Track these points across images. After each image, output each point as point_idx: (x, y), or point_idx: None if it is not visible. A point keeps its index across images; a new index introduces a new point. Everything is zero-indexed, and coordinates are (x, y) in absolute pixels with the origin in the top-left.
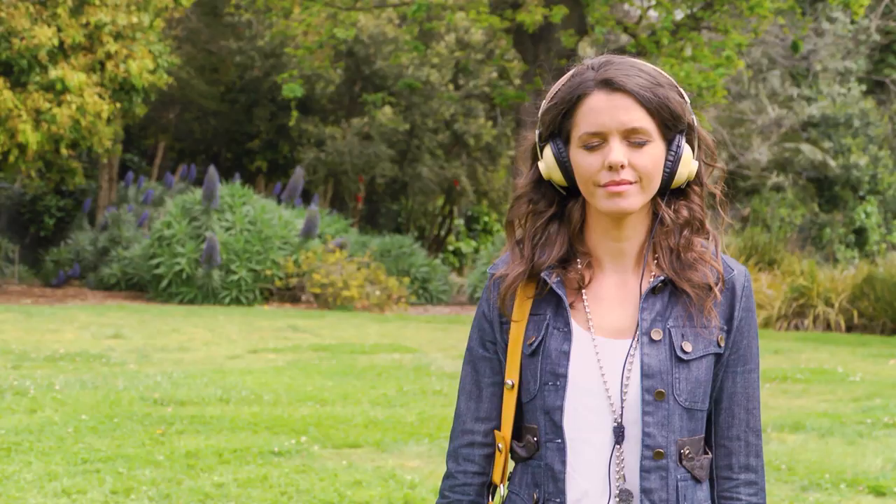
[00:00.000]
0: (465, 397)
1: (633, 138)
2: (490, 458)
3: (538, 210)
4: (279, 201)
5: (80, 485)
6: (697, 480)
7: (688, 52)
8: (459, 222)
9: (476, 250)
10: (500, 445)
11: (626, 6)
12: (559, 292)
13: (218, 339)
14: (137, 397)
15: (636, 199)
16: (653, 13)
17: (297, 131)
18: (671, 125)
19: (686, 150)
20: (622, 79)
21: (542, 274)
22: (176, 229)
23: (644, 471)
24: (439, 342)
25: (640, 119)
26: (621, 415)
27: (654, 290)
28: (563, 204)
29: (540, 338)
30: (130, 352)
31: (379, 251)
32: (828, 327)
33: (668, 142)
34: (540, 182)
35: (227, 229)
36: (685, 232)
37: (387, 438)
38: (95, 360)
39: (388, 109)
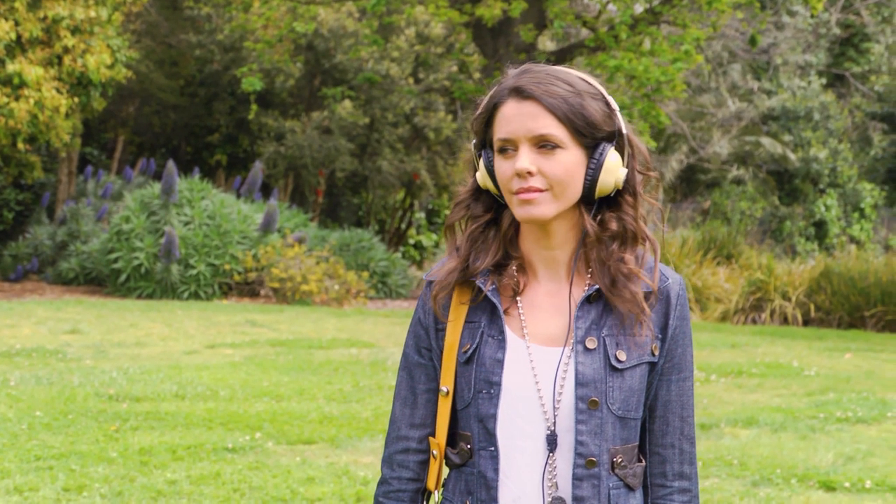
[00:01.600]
0: (400, 403)
1: (542, 145)
2: (425, 465)
3: (474, 215)
4: (238, 195)
5: (33, 482)
6: (630, 488)
7: (646, 46)
8: (420, 216)
9: (437, 244)
10: (434, 452)
11: (585, 0)
12: (494, 300)
13: (175, 334)
14: (93, 393)
15: (547, 207)
16: (612, 7)
17: (256, 125)
18: (586, 132)
19: (613, 157)
20: (531, 87)
21: (478, 282)
22: (134, 224)
23: (576, 479)
24: (397, 337)
25: (549, 126)
26: (554, 423)
27: (589, 299)
28: (499, 211)
29: (475, 346)
30: (87, 347)
31: (338, 245)
32: (785, 321)
33: (592, 149)
34: (479, 189)
35: (186, 224)
36: (613, 246)
37: (341, 434)
38: (51, 356)
39: (347, 103)
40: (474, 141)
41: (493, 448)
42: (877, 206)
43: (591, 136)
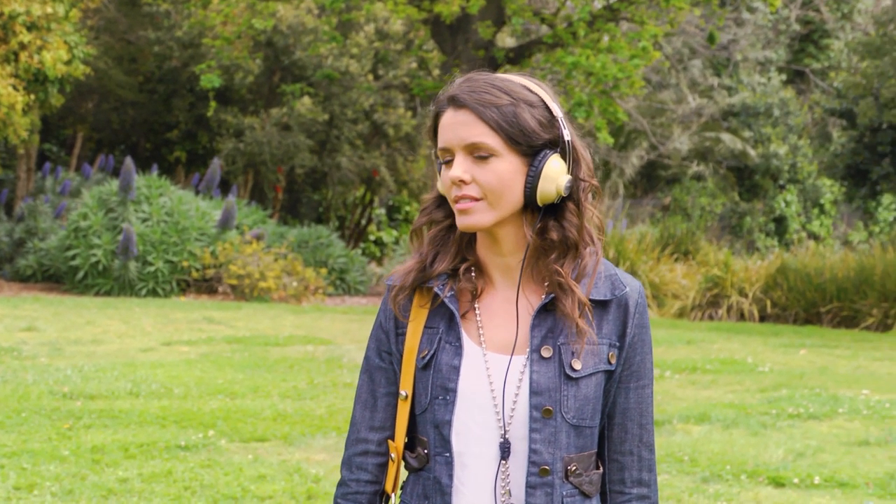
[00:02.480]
0: (360, 406)
1: (476, 154)
2: (383, 467)
3: (435, 220)
4: (197, 192)
5: None
6: (586, 496)
7: (605, 43)
8: (380, 212)
9: (396, 241)
10: (392, 455)
11: None
12: (451, 307)
13: (132, 331)
14: (47, 391)
15: (483, 216)
16: (570, 4)
17: (216, 122)
18: (521, 140)
19: (555, 164)
20: (465, 96)
21: (436, 288)
22: (92, 220)
23: (529, 487)
24: (353, 334)
25: (481, 134)
26: (508, 431)
27: (545, 307)
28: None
29: (432, 351)
30: (43, 345)
31: (297, 242)
32: (742, 317)
33: (532, 157)
34: (440, 196)
35: (144, 220)
36: (554, 255)
37: (294, 432)
38: (6, 354)
39: (307, 100)
40: (434, 149)
41: (448, 454)
42: (836, 202)
43: (527, 143)
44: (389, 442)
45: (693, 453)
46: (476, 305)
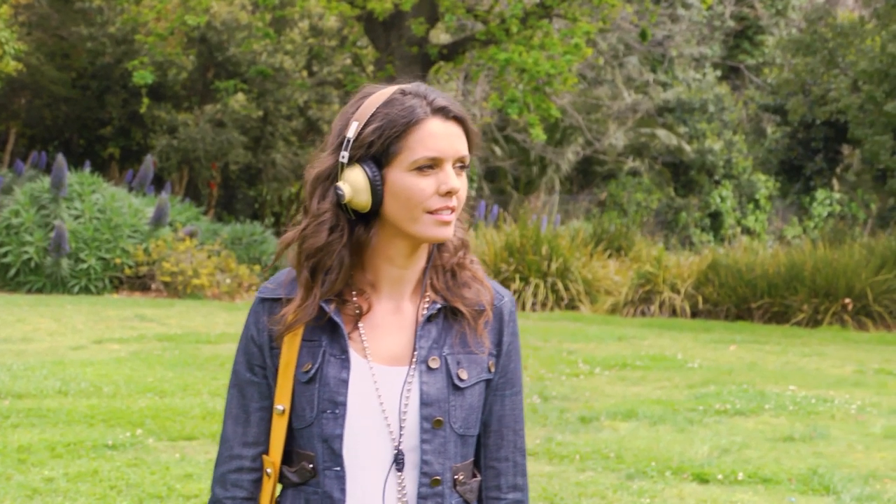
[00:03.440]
0: (231, 422)
1: (458, 166)
2: (258, 483)
3: (336, 237)
4: (130, 189)
5: None
6: None
7: (538, 39)
8: None
9: None
10: (268, 470)
11: None
12: (337, 319)
13: (63, 329)
14: None
15: (453, 227)
16: (504, 0)
17: (149, 118)
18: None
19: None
20: (456, 108)
21: (320, 302)
22: (24, 217)
23: (421, 498)
24: None
25: (465, 147)
26: (400, 442)
27: (429, 318)
28: (352, 231)
29: (317, 365)
30: None
31: (230, 239)
32: (674, 313)
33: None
34: (338, 207)
35: (76, 217)
36: (460, 253)
37: None
38: None
39: (241, 96)
40: (347, 153)
41: (339, 468)
42: (771, 198)
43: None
44: (264, 457)
45: (619, 450)
46: (360, 322)
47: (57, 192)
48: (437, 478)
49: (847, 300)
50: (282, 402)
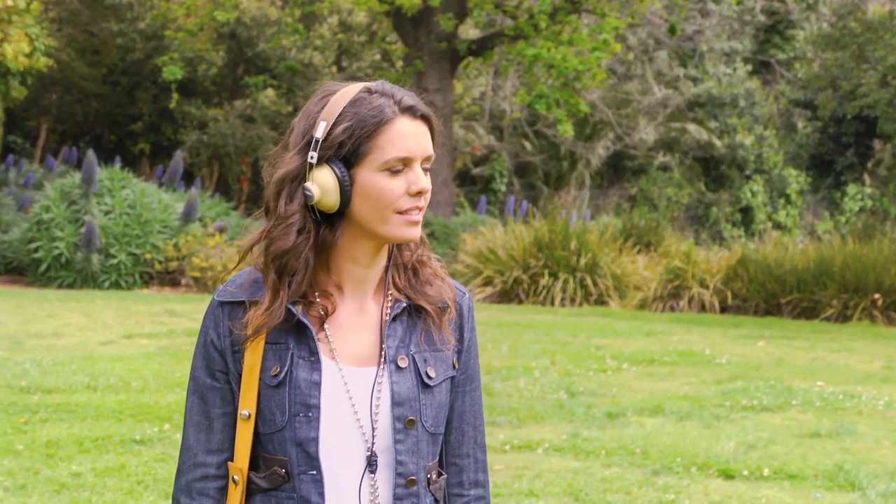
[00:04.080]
0: (193, 429)
1: (425, 165)
2: (224, 491)
3: (304, 239)
4: (160, 184)
5: None
6: (438, 502)
7: (566, 35)
8: None
9: None
10: (235, 477)
11: None
12: (304, 321)
13: (93, 324)
14: (4, 385)
15: (420, 225)
16: None
17: (179, 114)
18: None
19: None
20: (423, 107)
21: (287, 303)
22: (55, 213)
23: (397, 498)
24: None
25: (431, 146)
26: (373, 443)
27: (395, 317)
28: (317, 232)
29: (286, 368)
30: (2, 338)
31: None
32: (703, 309)
33: None
34: (305, 208)
35: (107, 213)
36: (420, 250)
37: None
38: None
39: (270, 92)
40: (315, 153)
41: (315, 472)
42: (802, 192)
43: None
44: (230, 464)
45: (645, 446)
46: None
47: (87, 187)
48: (413, 478)
49: (877, 295)
50: (247, 407)
